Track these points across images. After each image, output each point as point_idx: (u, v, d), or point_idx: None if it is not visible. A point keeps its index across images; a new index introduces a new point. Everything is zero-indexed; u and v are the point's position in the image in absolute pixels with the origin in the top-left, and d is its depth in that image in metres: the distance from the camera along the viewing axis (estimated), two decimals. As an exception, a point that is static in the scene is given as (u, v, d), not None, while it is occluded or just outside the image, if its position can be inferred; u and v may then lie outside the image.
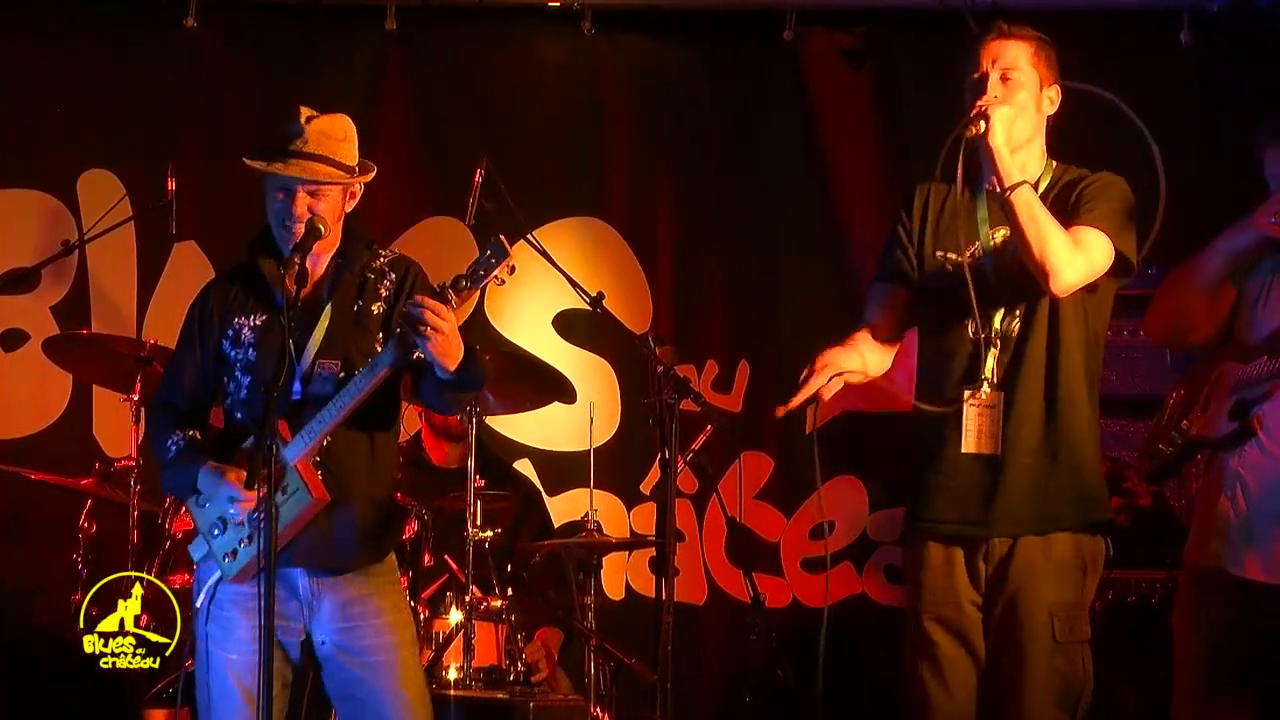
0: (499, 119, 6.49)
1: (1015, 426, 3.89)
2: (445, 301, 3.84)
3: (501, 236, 3.87)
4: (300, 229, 4.05)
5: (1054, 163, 4.03)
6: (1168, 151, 6.11)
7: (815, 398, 3.87)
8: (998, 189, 3.86)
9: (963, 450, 3.90)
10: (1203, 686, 4.32)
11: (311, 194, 4.07)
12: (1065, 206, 3.92)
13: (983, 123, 3.83)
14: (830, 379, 3.86)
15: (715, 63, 6.57)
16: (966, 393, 3.90)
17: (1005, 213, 3.86)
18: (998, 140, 3.84)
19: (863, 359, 3.97)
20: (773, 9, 6.45)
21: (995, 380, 3.90)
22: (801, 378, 3.88)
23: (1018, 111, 3.91)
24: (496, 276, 3.85)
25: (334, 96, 4.67)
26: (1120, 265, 3.93)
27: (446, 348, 3.88)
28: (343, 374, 4.05)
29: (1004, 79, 3.92)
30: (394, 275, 4.18)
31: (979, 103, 3.88)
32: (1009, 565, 3.90)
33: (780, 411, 3.90)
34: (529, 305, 6.48)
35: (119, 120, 6.44)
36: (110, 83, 6.43)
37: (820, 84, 6.50)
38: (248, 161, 4.09)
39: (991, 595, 3.92)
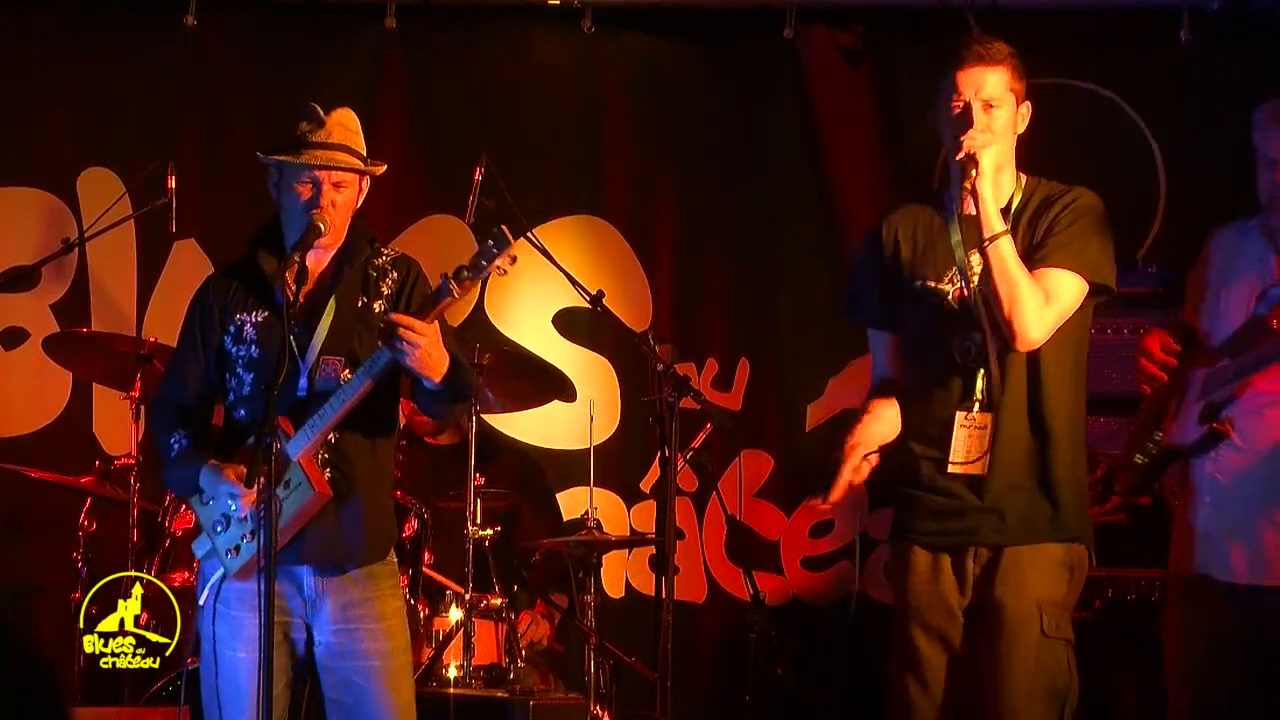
0: (499, 117, 6.48)
1: (1001, 446, 3.90)
2: (441, 297, 3.83)
3: (504, 227, 3.84)
4: (329, 220, 4.04)
5: (1024, 177, 4.03)
6: (1167, 150, 6.13)
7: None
8: (982, 238, 3.86)
9: (949, 470, 3.91)
10: (1199, 702, 4.31)
11: (336, 185, 4.06)
12: (1037, 229, 3.92)
13: (974, 170, 3.84)
14: (862, 459, 3.96)
15: (715, 61, 6.57)
16: (959, 414, 3.92)
17: (982, 261, 3.87)
18: (986, 187, 3.85)
19: (886, 423, 4.04)
20: (773, 7, 6.44)
21: (984, 402, 3.91)
22: (834, 459, 3.97)
23: (1001, 142, 3.90)
24: (499, 267, 3.81)
25: (334, 94, 4.66)
26: (1098, 289, 3.94)
27: (427, 360, 3.86)
28: (348, 371, 4.04)
29: (986, 110, 3.89)
30: (396, 274, 4.15)
31: (965, 142, 3.87)
32: (998, 562, 3.91)
33: (822, 505, 4.00)
34: (529, 303, 6.48)
35: (119, 118, 6.43)
36: (110, 80, 6.43)
37: (820, 82, 6.49)
38: (274, 156, 4.06)
39: (979, 593, 3.93)
